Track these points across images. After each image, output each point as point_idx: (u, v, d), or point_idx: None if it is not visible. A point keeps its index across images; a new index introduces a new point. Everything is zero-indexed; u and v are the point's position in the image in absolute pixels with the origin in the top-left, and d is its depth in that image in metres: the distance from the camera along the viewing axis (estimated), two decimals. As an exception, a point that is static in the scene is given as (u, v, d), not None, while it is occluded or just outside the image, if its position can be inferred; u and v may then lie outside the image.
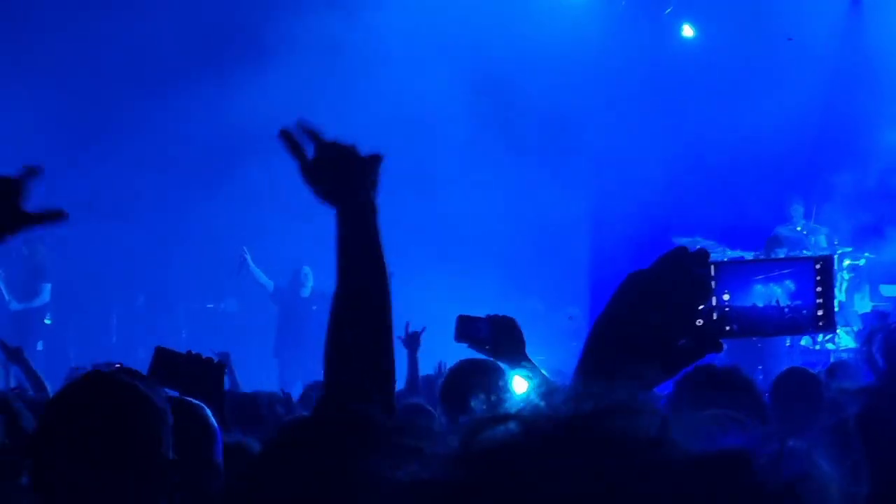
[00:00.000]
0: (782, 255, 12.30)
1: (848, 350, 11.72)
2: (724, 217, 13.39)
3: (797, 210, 13.12)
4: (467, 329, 4.40)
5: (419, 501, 0.84)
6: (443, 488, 0.83)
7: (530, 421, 0.84)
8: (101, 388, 2.56)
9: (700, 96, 13.60)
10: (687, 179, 13.56)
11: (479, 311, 4.42)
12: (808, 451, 0.87)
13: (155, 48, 13.31)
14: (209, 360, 4.29)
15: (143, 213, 13.92)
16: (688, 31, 14.60)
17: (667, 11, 14.23)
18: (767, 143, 13.54)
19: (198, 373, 4.07)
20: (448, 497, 0.82)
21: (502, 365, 4.36)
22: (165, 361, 4.17)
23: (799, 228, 13.06)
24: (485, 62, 13.46)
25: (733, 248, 12.73)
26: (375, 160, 2.53)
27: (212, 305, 15.48)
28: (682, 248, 1.58)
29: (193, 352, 4.28)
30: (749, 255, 12.42)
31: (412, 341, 6.62)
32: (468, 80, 13.48)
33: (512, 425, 0.84)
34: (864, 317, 12.31)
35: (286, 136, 2.49)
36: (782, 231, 12.91)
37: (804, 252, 12.32)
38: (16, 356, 6.69)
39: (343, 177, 2.46)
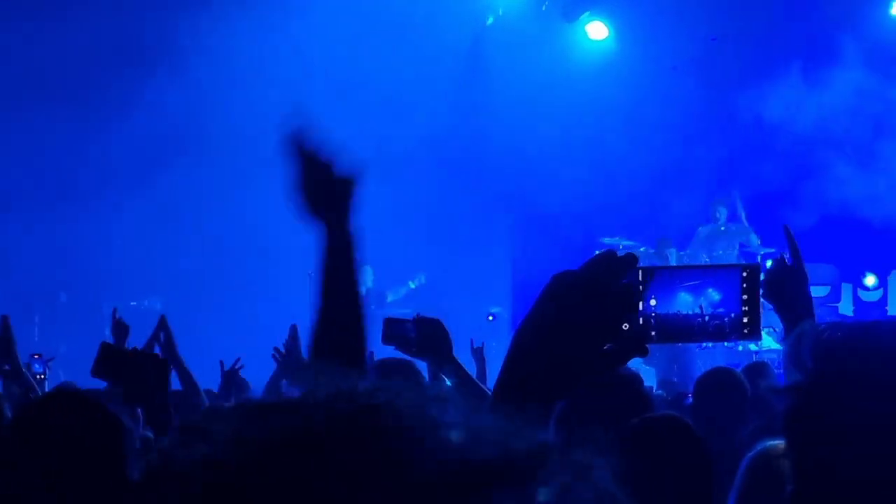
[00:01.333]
0: (673, 256, 13.44)
1: (770, 350, 12.08)
2: (649, 217, 13.73)
3: (721, 211, 13.53)
4: (394, 331, 4.56)
5: (182, 479, 0.86)
6: (206, 469, 0.85)
7: (305, 413, 0.87)
8: (68, 405, 2.65)
9: (623, 96, 14.06)
10: (612, 179, 13.94)
11: (404, 311, 4.49)
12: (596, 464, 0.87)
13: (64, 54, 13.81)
14: (154, 356, 4.50)
15: (66, 209, 14.19)
16: (601, 32, 15.06)
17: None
18: (694, 143, 13.96)
19: (142, 369, 4.16)
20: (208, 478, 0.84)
21: (423, 365, 4.66)
22: (110, 357, 4.29)
23: (723, 229, 13.49)
24: (389, 65, 14.03)
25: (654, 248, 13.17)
26: (353, 182, 2.57)
27: (135, 303, 15.55)
28: (611, 252, 1.62)
29: (139, 348, 4.49)
30: (672, 256, 12.96)
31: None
32: (376, 87, 14.19)
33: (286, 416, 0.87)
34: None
35: (298, 145, 2.51)
36: (703, 231, 13.38)
37: (720, 252, 13.32)
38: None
39: (332, 200, 2.54)
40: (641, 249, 12.72)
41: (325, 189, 2.55)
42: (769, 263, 12.71)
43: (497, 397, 1.66)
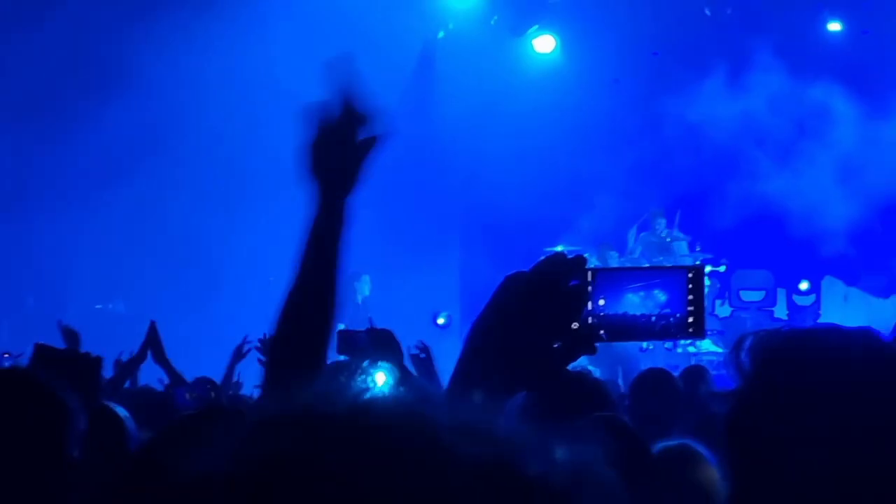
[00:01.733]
0: (614, 259, 13.89)
1: (708, 353, 12.66)
2: (591, 224, 14.18)
3: (660, 221, 14.08)
4: (347, 342, 4.63)
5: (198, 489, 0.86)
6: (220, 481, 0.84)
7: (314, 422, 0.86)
8: (9, 384, 2.65)
9: (568, 107, 14.50)
10: (556, 187, 14.41)
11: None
12: (590, 455, 0.89)
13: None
14: (86, 355, 4.39)
15: (31, 215, 14.45)
16: (548, 45, 15.50)
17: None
18: (634, 151, 14.47)
19: (74, 369, 4.08)
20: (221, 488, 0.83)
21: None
22: (44, 357, 4.29)
23: (664, 236, 14.00)
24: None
25: (594, 249, 13.51)
26: (371, 144, 2.44)
27: (100, 306, 15.88)
28: (561, 255, 1.65)
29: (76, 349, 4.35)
30: (614, 259, 13.42)
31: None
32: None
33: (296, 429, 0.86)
34: (724, 321, 13.28)
35: (344, 96, 2.37)
36: (643, 238, 14.01)
37: (661, 259, 13.77)
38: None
39: (342, 166, 2.42)
40: (585, 255, 12.71)
41: (341, 147, 2.41)
42: (708, 268, 12.72)
43: (451, 392, 1.70)
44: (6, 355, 8.97)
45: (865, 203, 14.26)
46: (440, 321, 15.24)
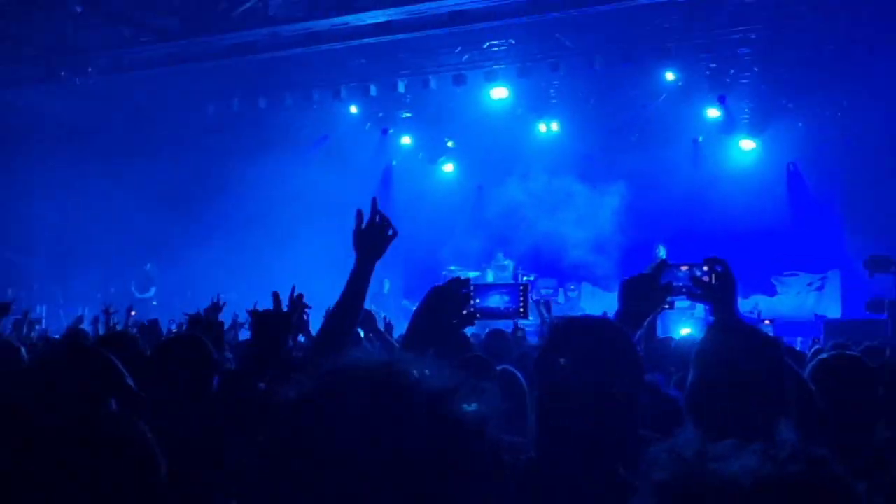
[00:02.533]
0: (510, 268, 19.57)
1: (531, 324, 14.04)
2: (470, 259, 20.67)
3: (499, 256, 20.74)
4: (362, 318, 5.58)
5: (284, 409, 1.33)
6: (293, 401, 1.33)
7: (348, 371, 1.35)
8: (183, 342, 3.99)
9: (454, 206, 22.50)
10: (452, 232, 21.25)
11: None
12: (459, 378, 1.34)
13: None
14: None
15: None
16: (449, 168, 23.43)
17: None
18: (489, 227, 21.32)
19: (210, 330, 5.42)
20: (295, 406, 1.33)
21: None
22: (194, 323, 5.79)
23: (505, 263, 20.56)
24: (334, 188, 20.19)
25: (472, 269, 19.53)
26: (391, 238, 3.59)
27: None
28: (457, 278, 2.75)
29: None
30: (474, 274, 18.30)
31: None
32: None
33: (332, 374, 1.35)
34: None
35: (373, 206, 3.62)
36: (493, 264, 20.58)
37: (504, 276, 19.69)
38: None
39: (373, 246, 3.54)
40: (471, 274, 17.77)
41: (373, 239, 3.54)
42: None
43: (404, 346, 2.77)
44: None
45: (597, 236, 19.76)
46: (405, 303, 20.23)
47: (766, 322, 15.51)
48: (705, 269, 3.13)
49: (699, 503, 1.21)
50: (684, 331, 14.55)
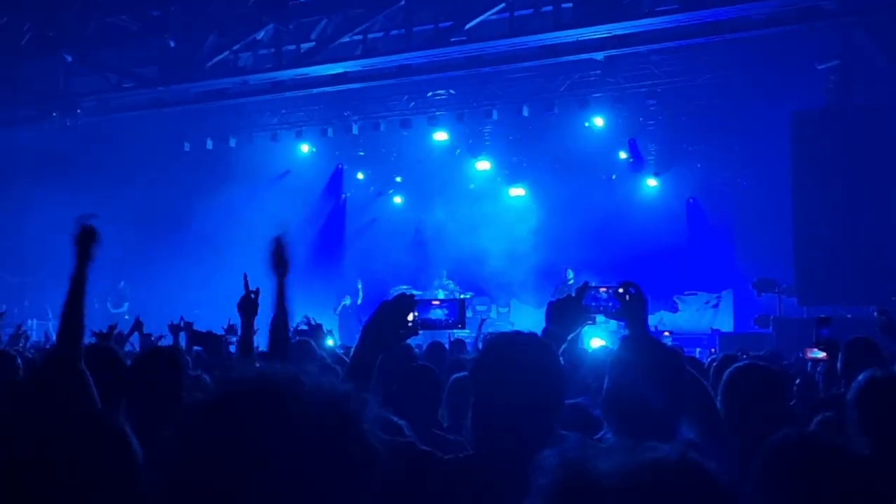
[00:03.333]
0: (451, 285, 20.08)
1: (469, 336, 13.81)
2: (418, 272, 21.76)
3: (441, 275, 21.35)
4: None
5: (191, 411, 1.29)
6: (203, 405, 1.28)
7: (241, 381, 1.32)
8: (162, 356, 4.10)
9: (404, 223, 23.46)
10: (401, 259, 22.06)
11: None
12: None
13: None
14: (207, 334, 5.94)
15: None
16: (399, 199, 24.14)
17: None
18: (421, 253, 22.21)
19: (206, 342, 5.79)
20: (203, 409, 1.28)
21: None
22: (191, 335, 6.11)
23: (447, 282, 20.99)
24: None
25: (421, 289, 20.00)
26: (287, 261, 3.92)
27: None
28: (402, 293, 2.78)
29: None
30: (418, 292, 18.58)
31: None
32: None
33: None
34: (470, 320, 18.52)
35: (277, 242, 3.91)
36: (436, 284, 20.96)
37: (453, 295, 19.86)
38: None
39: (284, 267, 3.88)
40: (416, 292, 17.05)
41: (280, 263, 3.94)
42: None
43: (355, 352, 2.78)
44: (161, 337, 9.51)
45: (522, 259, 20.65)
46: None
47: (666, 334, 15.92)
48: (621, 290, 3.20)
49: (575, 501, 1.18)
50: (596, 342, 14.69)
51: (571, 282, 19.13)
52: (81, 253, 3.62)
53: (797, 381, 6.72)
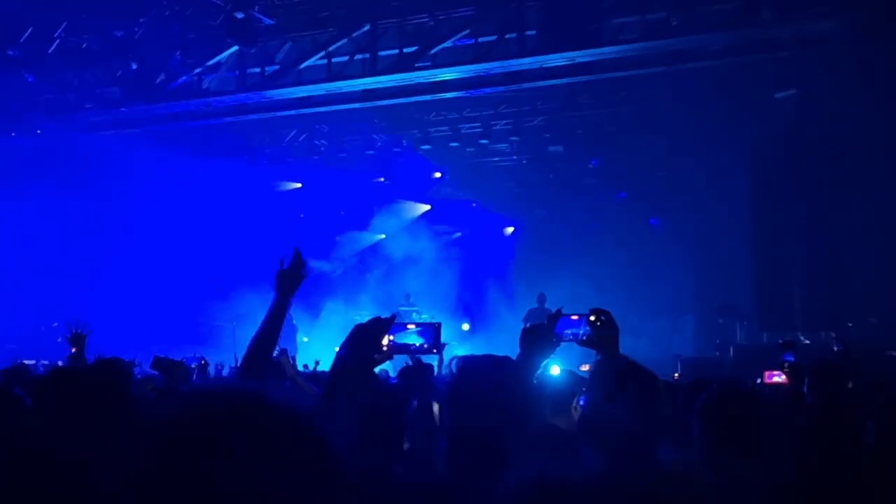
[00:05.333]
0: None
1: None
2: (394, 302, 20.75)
3: (408, 298, 21.11)
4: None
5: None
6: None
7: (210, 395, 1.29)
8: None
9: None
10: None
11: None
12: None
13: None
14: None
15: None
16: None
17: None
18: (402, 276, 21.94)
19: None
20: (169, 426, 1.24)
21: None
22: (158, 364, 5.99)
23: (412, 306, 20.74)
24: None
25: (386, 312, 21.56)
26: (304, 277, 3.71)
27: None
28: (378, 317, 2.75)
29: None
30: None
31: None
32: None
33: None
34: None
35: (297, 254, 3.74)
36: (400, 313, 21.33)
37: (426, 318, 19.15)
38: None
39: (291, 286, 3.69)
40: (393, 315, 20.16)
41: (292, 280, 3.69)
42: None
43: (331, 371, 2.73)
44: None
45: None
46: (465, 327, 20.47)
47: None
48: (592, 318, 3.23)
49: None
50: (555, 369, 14.71)
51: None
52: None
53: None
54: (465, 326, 19.88)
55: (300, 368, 10.35)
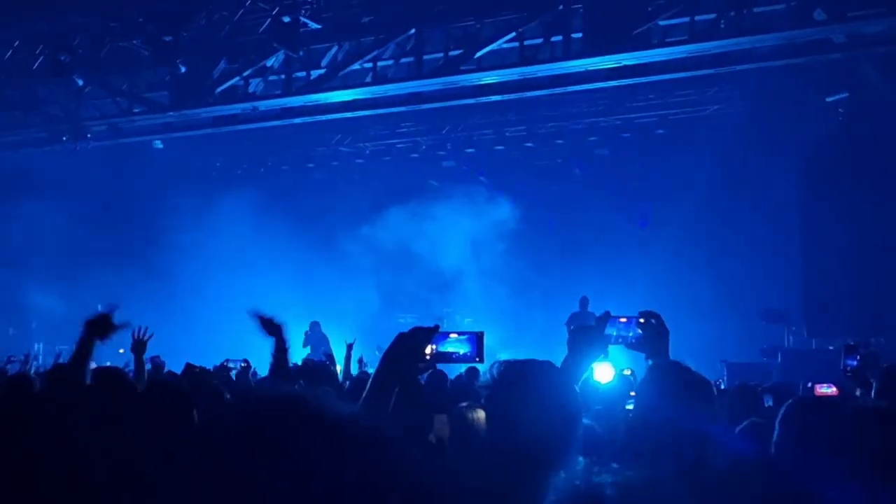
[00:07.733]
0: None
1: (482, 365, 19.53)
2: (423, 313, 19.79)
3: (445, 311, 20.70)
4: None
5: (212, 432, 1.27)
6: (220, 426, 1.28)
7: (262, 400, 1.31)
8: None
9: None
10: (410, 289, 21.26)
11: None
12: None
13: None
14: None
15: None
16: None
17: None
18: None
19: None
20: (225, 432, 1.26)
21: None
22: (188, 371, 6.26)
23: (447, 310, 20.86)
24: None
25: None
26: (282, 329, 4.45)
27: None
28: (419, 326, 2.79)
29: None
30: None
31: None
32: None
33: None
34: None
35: (260, 317, 4.54)
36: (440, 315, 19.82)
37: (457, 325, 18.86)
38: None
39: (278, 330, 4.69)
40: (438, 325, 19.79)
41: (273, 328, 4.76)
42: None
43: (373, 382, 2.75)
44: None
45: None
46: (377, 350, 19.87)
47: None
48: (642, 320, 3.16)
49: None
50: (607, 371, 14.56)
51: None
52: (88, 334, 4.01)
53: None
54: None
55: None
